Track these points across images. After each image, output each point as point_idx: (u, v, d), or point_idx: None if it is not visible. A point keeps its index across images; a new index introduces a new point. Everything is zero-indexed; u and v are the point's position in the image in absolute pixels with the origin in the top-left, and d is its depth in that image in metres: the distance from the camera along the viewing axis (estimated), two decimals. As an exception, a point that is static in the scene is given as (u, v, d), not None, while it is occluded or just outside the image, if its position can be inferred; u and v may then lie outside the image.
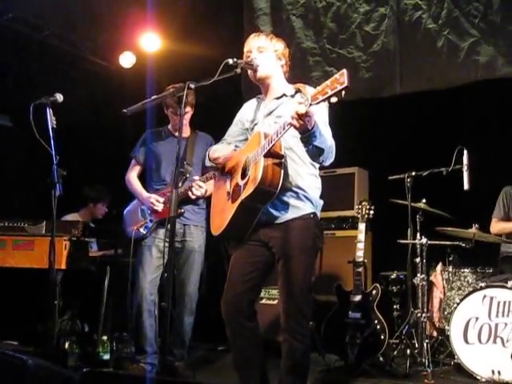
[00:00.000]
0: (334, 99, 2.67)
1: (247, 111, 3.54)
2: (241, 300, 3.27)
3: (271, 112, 3.37)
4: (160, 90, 3.58)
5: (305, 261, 3.22)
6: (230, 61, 3.18)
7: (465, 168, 4.60)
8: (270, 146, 3.01)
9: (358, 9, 5.80)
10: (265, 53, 3.38)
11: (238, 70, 3.22)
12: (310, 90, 2.95)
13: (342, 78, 2.63)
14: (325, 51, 5.91)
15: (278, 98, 3.40)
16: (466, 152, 4.63)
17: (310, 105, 2.74)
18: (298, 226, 3.21)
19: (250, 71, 3.37)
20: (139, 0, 5.91)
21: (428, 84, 5.47)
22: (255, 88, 3.59)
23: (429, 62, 5.45)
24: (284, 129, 2.92)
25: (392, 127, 6.01)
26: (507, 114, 5.39)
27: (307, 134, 2.91)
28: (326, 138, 3.05)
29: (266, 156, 3.04)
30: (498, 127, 5.51)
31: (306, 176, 3.28)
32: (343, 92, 2.64)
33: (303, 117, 2.78)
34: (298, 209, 3.23)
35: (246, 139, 3.46)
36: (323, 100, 2.69)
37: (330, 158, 3.14)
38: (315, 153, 3.07)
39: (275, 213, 3.22)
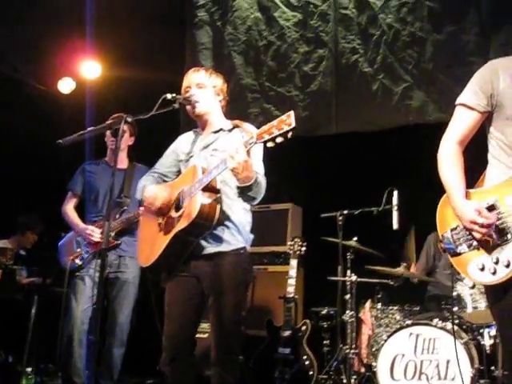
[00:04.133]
0: (279, 139, 2.72)
1: (183, 143, 3.55)
2: (184, 335, 3.28)
3: (208, 145, 3.41)
4: (99, 117, 3.58)
5: (235, 296, 3.24)
6: (169, 96, 3.21)
7: (394, 208, 4.71)
8: (209, 180, 3.05)
9: (297, 49, 5.94)
10: (204, 89, 3.44)
11: (176, 105, 3.25)
12: (249, 127, 3.05)
13: (288, 120, 2.69)
14: (264, 88, 6.01)
15: (215, 132, 3.46)
16: (396, 193, 4.75)
17: (255, 143, 2.80)
18: (229, 261, 3.23)
19: (188, 106, 3.41)
20: (79, 26, 5.89)
21: (362, 125, 5.63)
22: (193, 122, 3.63)
23: (364, 104, 5.62)
24: (224, 164, 2.96)
25: (326, 166, 6.12)
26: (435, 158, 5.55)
27: (244, 186, 3.02)
28: (261, 186, 3.13)
29: (203, 190, 3.07)
30: (428, 170, 5.67)
31: (238, 210, 3.32)
32: (290, 133, 2.70)
33: (244, 164, 2.86)
34: (230, 243, 3.26)
35: (179, 171, 3.49)
36: (269, 140, 2.74)
37: (260, 198, 3.22)
38: (248, 199, 3.19)
39: (207, 246, 3.23)
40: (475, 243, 2.46)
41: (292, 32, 5.98)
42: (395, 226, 4.70)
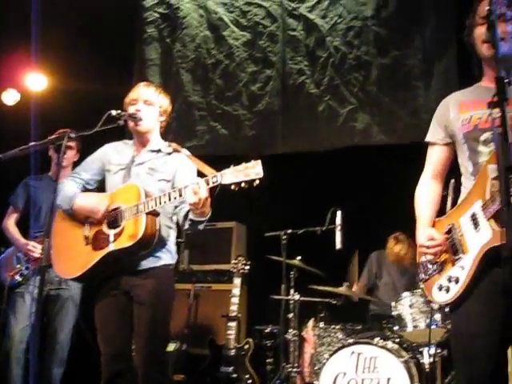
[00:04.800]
0: (243, 185, 2.80)
1: (111, 153, 3.52)
2: (121, 353, 3.26)
3: (143, 163, 3.41)
4: (44, 130, 3.53)
5: (163, 309, 3.29)
6: (114, 112, 3.20)
7: (338, 228, 4.77)
8: (158, 206, 3.09)
9: (245, 68, 6.00)
10: (151, 107, 3.43)
11: (121, 122, 3.26)
12: (191, 156, 3.09)
13: (257, 168, 2.79)
14: (211, 107, 6.04)
15: (153, 151, 3.46)
16: (339, 213, 4.81)
17: (220, 184, 2.84)
18: (158, 275, 3.27)
19: (131, 123, 3.39)
20: (25, 38, 5.80)
21: (308, 146, 5.69)
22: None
23: (309, 124, 5.70)
24: (180, 196, 3.00)
25: (271, 185, 6.12)
26: (381, 179, 5.63)
27: (200, 220, 3.10)
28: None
29: (147, 213, 3.11)
30: (372, 191, 5.76)
31: (167, 228, 3.36)
32: (257, 181, 2.79)
33: (204, 200, 2.90)
34: (160, 259, 3.30)
35: (102, 180, 3.47)
36: (234, 183, 2.80)
37: None
38: (193, 230, 3.26)
39: (140, 262, 3.25)
40: (437, 266, 2.55)
41: (240, 51, 6.04)
42: (338, 245, 4.75)
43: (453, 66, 5.34)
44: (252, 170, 2.77)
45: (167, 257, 3.35)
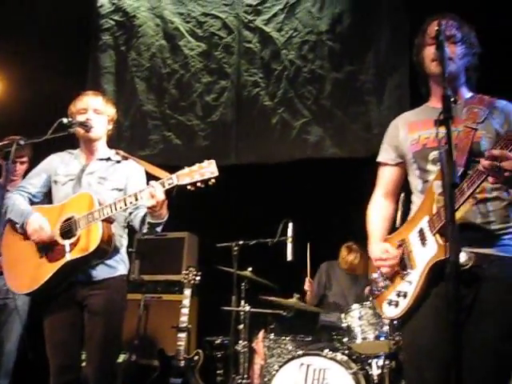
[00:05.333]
0: (199, 184, 2.84)
1: (57, 164, 3.48)
2: (71, 364, 3.22)
3: (93, 172, 3.40)
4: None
5: (117, 320, 3.28)
6: (65, 120, 3.19)
7: (289, 240, 4.79)
8: (114, 213, 3.08)
9: (200, 79, 6.02)
10: (100, 115, 3.43)
11: (72, 130, 3.24)
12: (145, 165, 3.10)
13: (211, 167, 2.83)
14: (165, 116, 6.03)
15: (102, 160, 3.45)
16: (291, 224, 4.84)
17: (177, 185, 2.87)
18: (113, 286, 3.27)
19: (81, 130, 3.37)
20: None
21: (261, 157, 5.74)
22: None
23: (263, 136, 5.75)
24: (136, 200, 3.02)
25: (224, 195, 6.11)
26: (333, 192, 5.68)
27: (158, 222, 3.12)
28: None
29: (102, 221, 3.09)
30: (324, 203, 5.81)
31: (120, 238, 3.37)
32: (212, 180, 2.82)
33: (162, 203, 2.95)
34: (114, 269, 3.30)
35: (49, 192, 3.43)
36: (190, 184, 2.83)
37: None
38: (152, 232, 3.25)
39: (93, 272, 3.23)
40: (387, 282, 2.59)
41: (196, 62, 6.06)
42: (289, 257, 4.77)
43: (405, 82, 5.46)
44: (207, 169, 2.82)
45: (122, 267, 3.35)
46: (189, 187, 2.86)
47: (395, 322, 4.02)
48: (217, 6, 6.13)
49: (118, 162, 3.45)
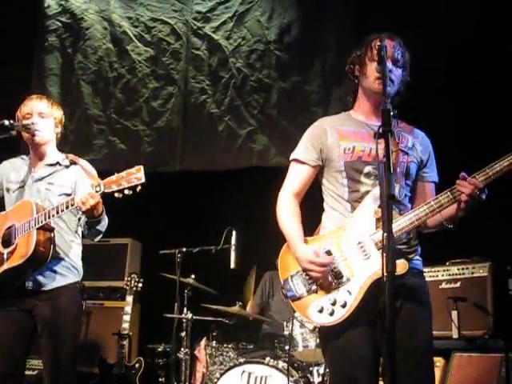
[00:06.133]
0: (127, 191, 2.82)
1: (8, 171, 3.45)
2: (15, 374, 3.18)
3: (42, 178, 3.36)
4: None
5: (72, 329, 3.24)
6: (6, 122, 3.15)
7: (232, 248, 4.81)
8: (47, 220, 3.05)
9: (147, 84, 5.98)
10: (45, 119, 3.38)
11: (14, 133, 3.20)
12: (89, 168, 3.08)
13: (139, 174, 2.80)
14: (110, 120, 5.97)
15: (50, 165, 3.41)
16: (234, 233, 4.86)
17: (103, 192, 2.86)
18: (65, 295, 3.23)
19: (27, 134, 3.33)
20: None
21: (207, 165, 5.74)
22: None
23: (209, 144, 5.75)
24: (67, 208, 3.00)
25: (168, 202, 6.10)
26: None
27: (94, 221, 3.11)
28: (106, 221, 3.21)
29: (38, 229, 3.06)
30: (267, 212, 5.82)
31: (72, 245, 3.33)
32: (139, 187, 2.80)
33: (94, 206, 2.94)
34: (66, 277, 3.26)
35: (1, 199, 3.40)
36: (117, 191, 2.82)
37: (103, 231, 3.31)
38: (95, 234, 3.25)
39: (43, 280, 3.19)
40: (314, 287, 2.57)
41: (143, 67, 6.02)
42: (232, 265, 4.79)
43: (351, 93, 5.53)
44: (134, 176, 2.81)
45: (72, 275, 3.31)
46: (116, 194, 2.86)
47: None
48: (166, 11, 6.10)
49: (67, 166, 3.40)
